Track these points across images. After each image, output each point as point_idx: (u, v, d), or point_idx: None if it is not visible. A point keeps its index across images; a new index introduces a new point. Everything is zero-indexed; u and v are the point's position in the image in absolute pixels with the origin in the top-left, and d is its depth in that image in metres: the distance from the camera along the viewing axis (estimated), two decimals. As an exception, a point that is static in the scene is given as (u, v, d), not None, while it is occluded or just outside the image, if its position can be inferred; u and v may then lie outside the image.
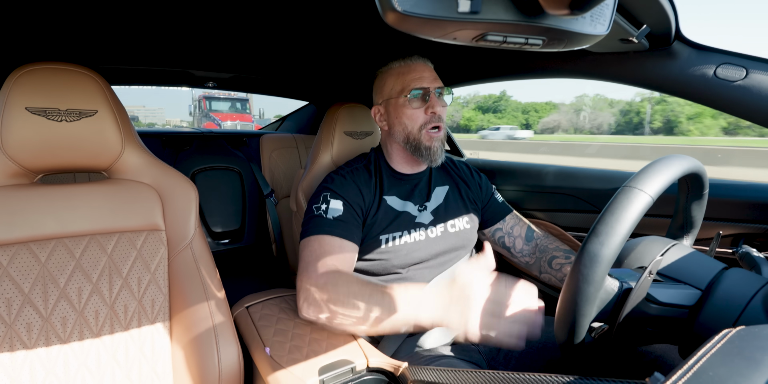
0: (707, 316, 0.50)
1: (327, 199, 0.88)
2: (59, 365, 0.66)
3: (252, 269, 2.16)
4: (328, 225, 0.84)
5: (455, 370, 0.65)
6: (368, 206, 0.91)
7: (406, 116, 0.90)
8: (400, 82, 0.91)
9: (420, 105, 0.90)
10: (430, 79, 0.91)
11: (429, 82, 0.90)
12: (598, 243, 0.46)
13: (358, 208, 0.89)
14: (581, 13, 0.35)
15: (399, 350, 0.90)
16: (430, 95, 0.89)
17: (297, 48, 1.26)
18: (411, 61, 0.93)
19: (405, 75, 0.91)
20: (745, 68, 0.70)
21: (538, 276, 0.99)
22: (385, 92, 0.95)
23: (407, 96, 0.89)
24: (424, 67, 0.93)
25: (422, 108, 0.90)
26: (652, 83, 0.83)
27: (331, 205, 0.87)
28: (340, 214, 0.86)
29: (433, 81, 0.91)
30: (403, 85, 0.90)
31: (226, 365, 0.72)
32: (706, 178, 0.60)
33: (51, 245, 0.68)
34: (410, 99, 0.89)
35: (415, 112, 0.90)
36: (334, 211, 0.86)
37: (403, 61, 0.94)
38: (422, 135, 0.91)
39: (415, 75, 0.90)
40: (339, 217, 0.85)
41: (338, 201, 0.87)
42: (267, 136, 1.96)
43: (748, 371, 0.29)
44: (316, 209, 0.87)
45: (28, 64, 0.67)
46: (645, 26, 0.69)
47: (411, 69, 0.92)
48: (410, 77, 0.90)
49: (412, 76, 0.90)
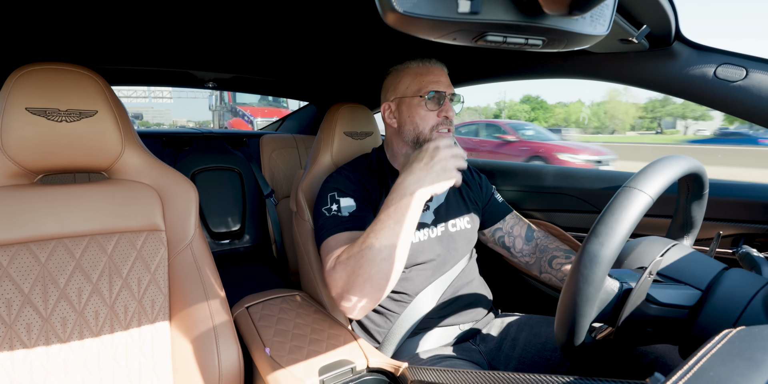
0: (707, 316, 0.50)
1: (336, 198, 0.88)
2: (59, 365, 0.66)
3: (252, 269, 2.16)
4: (346, 221, 0.84)
5: (455, 371, 0.65)
6: (375, 205, 0.91)
7: (419, 116, 0.90)
8: (417, 82, 0.92)
9: (434, 107, 0.90)
10: (446, 84, 0.92)
11: (445, 87, 0.91)
12: (598, 243, 0.46)
13: (367, 203, 0.89)
14: (581, 13, 0.35)
15: (399, 350, 0.90)
16: (445, 99, 0.90)
17: (297, 48, 1.26)
18: (429, 64, 0.94)
19: (423, 76, 0.91)
20: (745, 68, 0.70)
21: (538, 276, 1.00)
22: (399, 90, 0.94)
23: (423, 96, 0.89)
24: (441, 71, 0.93)
25: (436, 110, 0.90)
26: (652, 83, 0.83)
27: (342, 204, 0.87)
28: (354, 209, 0.86)
29: (448, 87, 0.92)
30: (420, 86, 0.91)
31: (226, 365, 0.72)
32: (706, 178, 0.60)
33: (51, 245, 0.68)
34: (427, 100, 0.90)
35: (429, 113, 0.90)
36: (347, 208, 0.86)
37: (421, 61, 0.94)
38: (432, 136, 0.91)
39: (433, 78, 0.91)
40: (354, 212, 0.86)
41: (348, 198, 0.87)
42: (267, 137, 1.96)
43: (748, 371, 0.29)
44: (328, 211, 0.87)
45: (29, 65, 0.67)
46: (645, 26, 0.69)
47: (429, 71, 0.92)
48: (428, 79, 0.91)
49: (429, 78, 0.91)
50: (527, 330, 0.93)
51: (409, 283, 0.90)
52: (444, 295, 0.92)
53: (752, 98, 0.70)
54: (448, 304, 0.92)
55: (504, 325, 0.97)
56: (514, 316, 1.00)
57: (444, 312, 0.92)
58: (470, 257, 1.02)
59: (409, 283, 0.90)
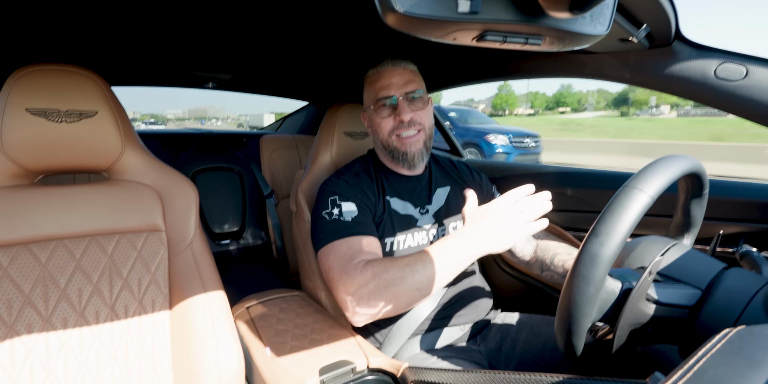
0: (707, 315, 0.50)
1: (337, 202, 0.87)
2: (59, 366, 0.66)
3: (252, 269, 2.16)
4: (349, 227, 0.83)
5: (456, 371, 0.65)
6: (374, 208, 0.91)
7: (377, 125, 0.92)
8: (370, 91, 0.93)
9: (389, 113, 0.90)
10: (399, 84, 0.89)
11: (396, 89, 0.89)
12: (598, 243, 0.46)
13: (368, 208, 0.89)
14: (581, 13, 0.35)
15: (400, 351, 0.90)
16: (397, 102, 0.89)
17: (297, 48, 1.26)
18: (381, 68, 0.93)
19: (374, 84, 0.92)
20: (746, 68, 0.70)
21: (539, 275, 0.99)
22: (365, 101, 0.97)
23: (373, 107, 0.91)
24: (392, 72, 0.91)
25: (391, 116, 0.90)
26: (652, 83, 0.83)
27: (344, 208, 0.86)
28: (356, 214, 0.85)
29: (402, 86, 0.89)
30: (373, 94, 0.91)
31: (226, 366, 0.72)
32: (706, 177, 0.60)
33: (51, 246, 0.68)
34: (378, 109, 0.91)
35: (384, 120, 0.90)
36: (349, 213, 0.85)
37: (374, 68, 0.94)
38: (393, 140, 0.91)
39: (383, 83, 0.90)
40: (356, 217, 0.85)
41: (350, 203, 0.87)
42: (267, 137, 1.96)
43: (748, 371, 0.29)
44: (329, 215, 0.85)
45: (29, 66, 0.67)
46: (645, 26, 0.69)
47: (379, 76, 0.91)
48: (378, 86, 0.90)
49: (379, 84, 0.90)
50: (527, 330, 0.93)
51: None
52: (444, 296, 0.92)
53: (752, 98, 0.70)
54: (448, 304, 0.92)
55: (504, 325, 0.97)
56: (514, 316, 1.00)
57: (444, 312, 0.92)
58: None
59: None
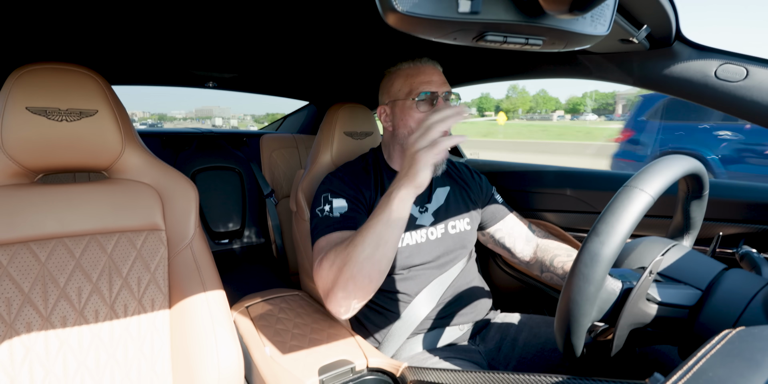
0: (707, 316, 0.50)
1: (329, 199, 0.87)
2: (59, 365, 0.66)
3: (252, 269, 2.16)
4: (336, 222, 0.83)
5: (455, 371, 0.65)
6: (370, 205, 0.90)
7: (412, 119, 0.89)
8: (408, 84, 0.90)
9: (427, 108, 0.88)
10: (439, 83, 0.89)
11: (437, 86, 0.88)
12: (599, 242, 0.46)
13: (360, 204, 0.89)
14: (582, 13, 0.35)
15: (399, 351, 0.90)
16: (437, 99, 0.88)
17: (297, 48, 1.26)
18: (420, 63, 0.92)
19: (413, 77, 0.90)
20: (746, 69, 0.70)
21: (539, 275, 1.00)
22: (392, 93, 0.93)
23: (415, 99, 0.88)
24: (433, 70, 0.91)
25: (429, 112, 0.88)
26: (652, 83, 0.83)
27: (335, 205, 0.86)
28: (346, 210, 0.85)
29: (442, 85, 0.89)
30: (411, 88, 0.89)
31: (225, 365, 0.72)
32: (706, 178, 0.60)
33: (51, 245, 0.68)
34: (418, 102, 0.88)
35: (422, 115, 0.88)
36: (339, 209, 0.85)
37: (412, 62, 0.92)
38: None
39: (424, 78, 0.89)
40: (346, 213, 0.85)
41: (341, 199, 0.87)
42: (267, 136, 1.96)
43: (748, 372, 0.29)
44: (320, 212, 0.86)
45: (29, 64, 0.67)
46: (645, 26, 0.69)
47: (420, 71, 0.90)
48: (419, 80, 0.89)
49: (420, 78, 0.89)
50: (527, 330, 0.93)
51: (409, 284, 0.90)
52: (444, 296, 0.92)
53: (753, 98, 0.70)
54: (447, 304, 0.92)
55: (504, 326, 0.97)
56: (514, 317, 1.00)
57: (444, 312, 0.92)
58: (469, 258, 1.02)
59: (408, 283, 0.90)
